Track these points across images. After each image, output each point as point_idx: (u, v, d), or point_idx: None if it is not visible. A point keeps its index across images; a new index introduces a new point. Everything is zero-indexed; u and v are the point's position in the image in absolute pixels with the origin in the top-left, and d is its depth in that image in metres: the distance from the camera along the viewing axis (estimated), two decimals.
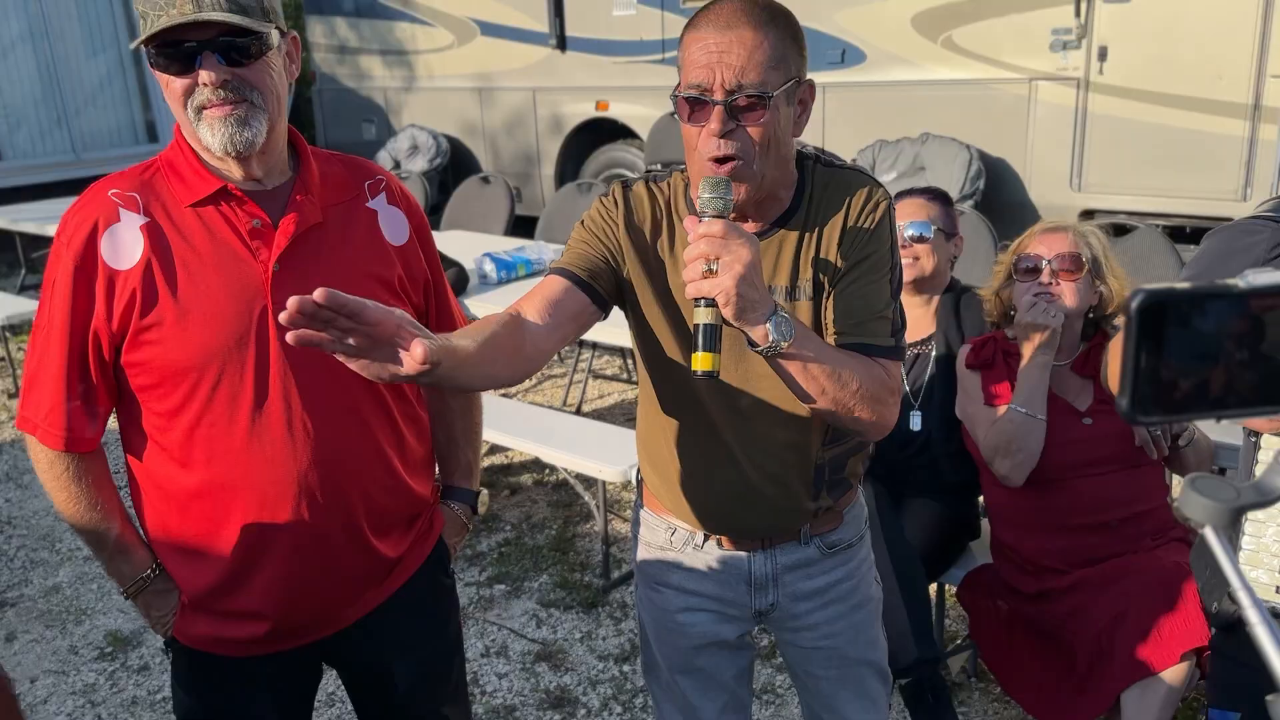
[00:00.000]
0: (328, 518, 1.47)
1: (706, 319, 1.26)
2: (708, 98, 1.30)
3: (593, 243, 1.47)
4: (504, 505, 3.95)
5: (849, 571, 1.64)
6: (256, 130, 1.37)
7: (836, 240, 1.41)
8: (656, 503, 1.63)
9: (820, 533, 1.60)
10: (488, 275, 4.11)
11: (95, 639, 3.20)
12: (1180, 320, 0.62)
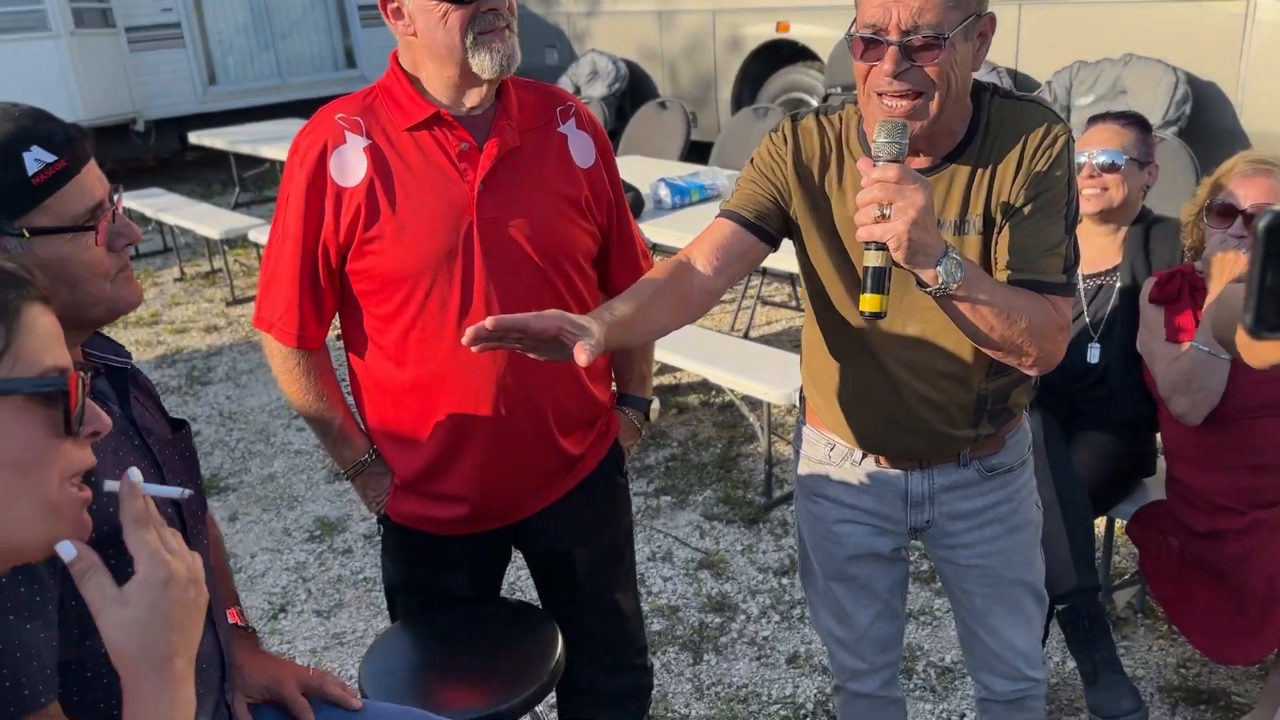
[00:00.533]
0: (520, 415, 1.63)
1: (876, 262, 1.28)
2: (882, 38, 1.30)
3: (760, 182, 1.52)
4: (671, 423, 4.11)
5: (1008, 494, 1.66)
6: (518, 53, 1.53)
7: (1011, 175, 1.41)
8: (817, 419, 1.69)
9: (980, 456, 1.63)
10: (662, 200, 4.21)
11: (305, 523, 3.57)
12: None
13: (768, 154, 1.53)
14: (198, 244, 7.17)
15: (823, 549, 1.74)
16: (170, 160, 10.47)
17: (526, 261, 1.59)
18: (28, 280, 0.85)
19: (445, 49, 1.50)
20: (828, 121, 1.51)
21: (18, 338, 0.82)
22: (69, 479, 0.85)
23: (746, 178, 1.55)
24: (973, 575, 1.69)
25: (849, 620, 1.77)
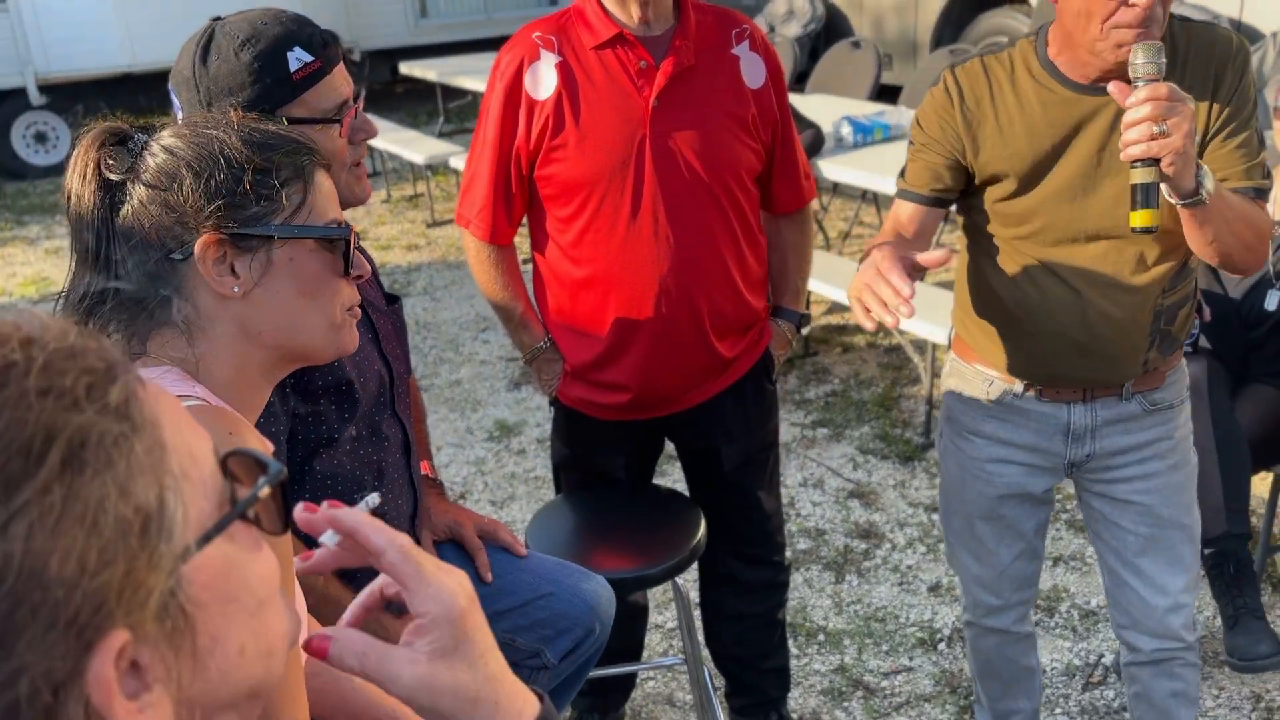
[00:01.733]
0: (680, 315, 1.78)
1: (1147, 178, 1.33)
2: None
3: (930, 147, 1.58)
4: (835, 361, 4.18)
5: (1168, 431, 1.68)
6: None
7: (1210, 93, 1.47)
8: (974, 354, 1.71)
9: (1142, 390, 1.64)
10: (844, 139, 4.23)
11: (486, 424, 3.88)
12: None
13: (933, 112, 1.57)
14: (403, 169, 7.66)
15: (972, 487, 1.75)
16: (382, 90, 11.12)
17: (693, 174, 1.73)
18: (315, 149, 1.07)
19: None
20: (995, 61, 1.55)
21: (311, 193, 1.04)
22: (345, 309, 1.08)
23: (917, 145, 1.60)
24: (1130, 512, 1.69)
25: (991, 559, 1.79)
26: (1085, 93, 1.48)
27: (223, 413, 0.95)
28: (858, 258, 4.90)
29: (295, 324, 1.03)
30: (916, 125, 1.60)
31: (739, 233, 1.80)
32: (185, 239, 0.98)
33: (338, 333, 1.06)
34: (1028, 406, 1.67)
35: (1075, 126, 1.50)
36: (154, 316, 1.00)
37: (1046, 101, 1.50)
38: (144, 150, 0.99)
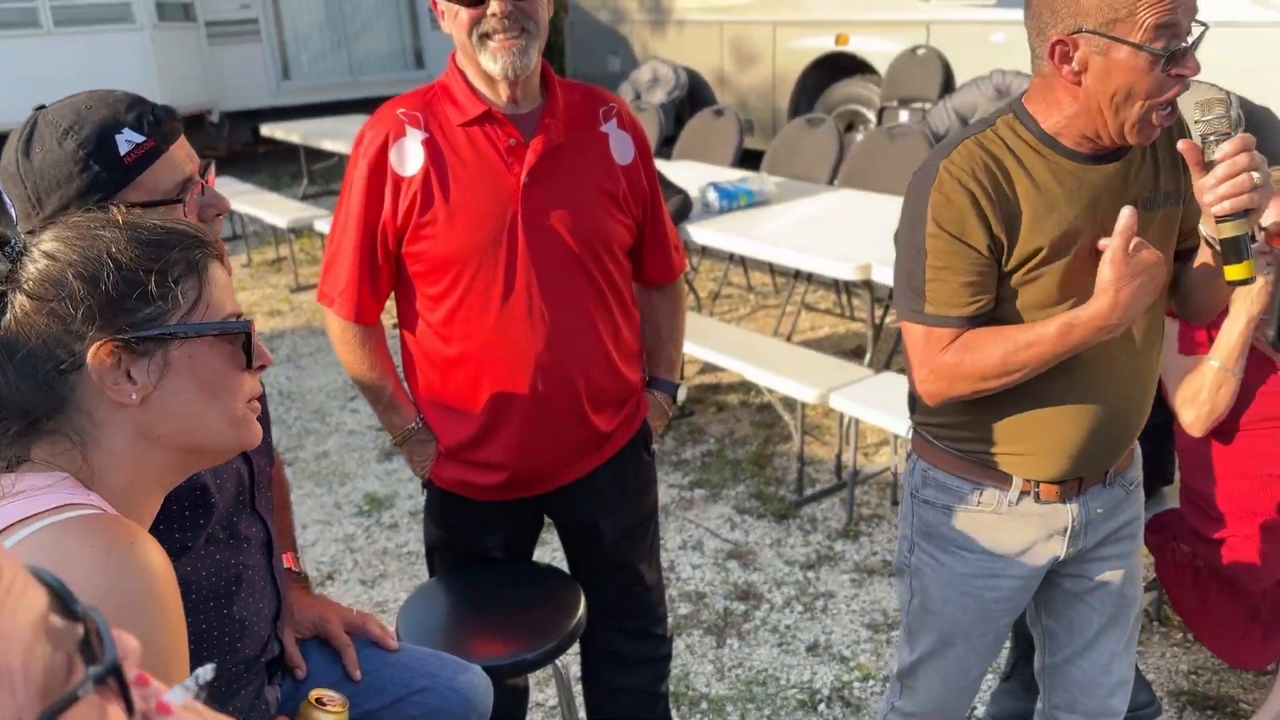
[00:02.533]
0: (556, 392, 1.76)
1: (1240, 230, 1.32)
2: (1185, 46, 1.31)
3: (958, 261, 1.42)
4: (710, 420, 4.23)
5: (1139, 509, 1.67)
6: (531, 57, 1.64)
7: (1175, 140, 1.45)
8: (958, 461, 1.58)
9: (1121, 471, 1.61)
10: (710, 204, 4.33)
11: (355, 498, 3.75)
12: None
13: (949, 216, 1.41)
14: (265, 232, 7.45)
15: (956, 605, 1.64)
16: (242, 151, 10.83)
17: (565, 249, 1.73)
18: (208, 241, 1.02)
19: (461, 47, 1.65)
20: (987, 142, 1.43)
21: (207, 287, 1.00)
22: (247, 402, 1.03)
23: (941, 264, 1.42)
24: (1100, 592, 1.65)
25: (962, 680, 1.70)
26: (1090, 162, 1.43)
27: (118, 523, 0.89)
28: (732, 323, 4.99)
29: (197, 424, 0.99)
30: (934, 238, 1.42)
31: (613, 306, 1.81)
32: (75, 349, 0.92)
33: (241, 428, 1.03)
34: (1026, 511, 1.57)
35: (1092, 197, 1.43)
36: (40, 427, 0.93)
37: (1058, 175, 1.42)
38: (23, 256, 0.93)
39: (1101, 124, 1.38)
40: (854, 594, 3.02)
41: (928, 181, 1.43)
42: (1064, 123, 1.41)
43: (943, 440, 1.60)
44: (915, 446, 1.67)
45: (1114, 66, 1.31)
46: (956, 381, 1.46)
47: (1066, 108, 1.40)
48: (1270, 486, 2.16)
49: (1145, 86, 1.31)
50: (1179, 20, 1.28)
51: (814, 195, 4.57)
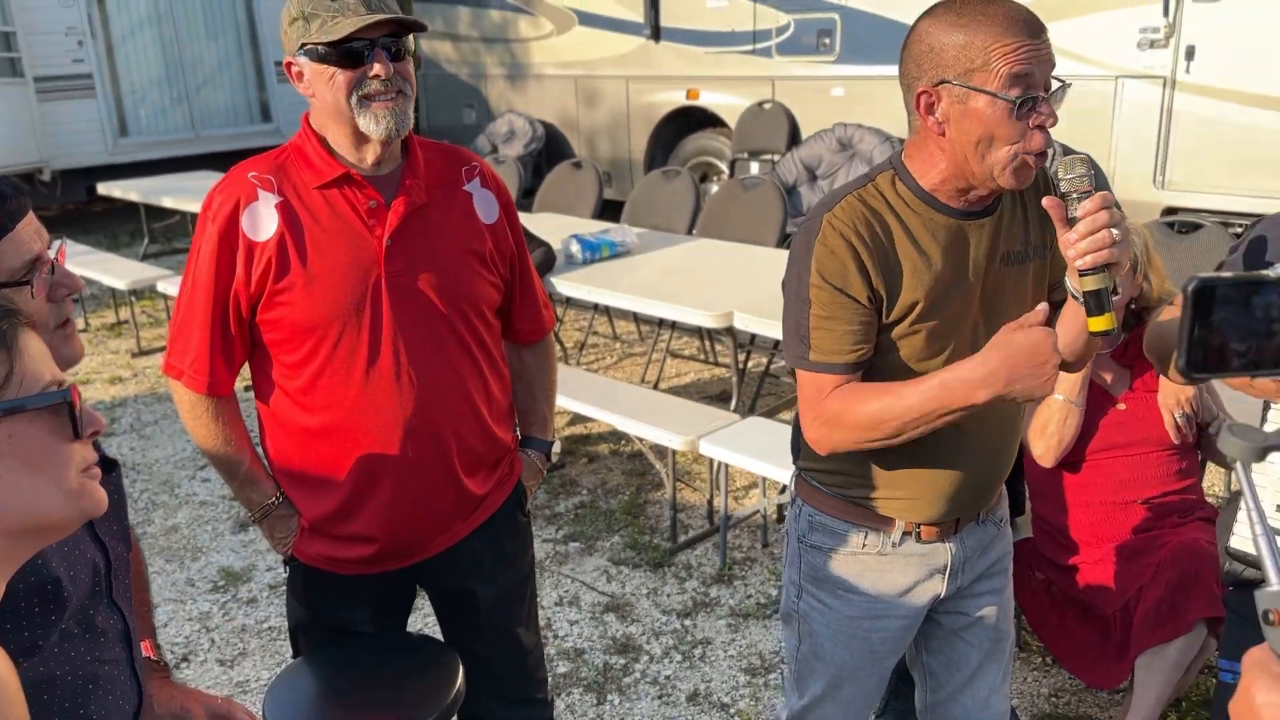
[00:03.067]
0: (426, 457, 1.72)
1: (1101, 284, 1.36)
2: (1039, 97, 1.36)
3: (843, 310, 1.45)
4: (581, 472, 4.20)
5: (1007, 545, 1.73)
6: (409, 118, 1.63)
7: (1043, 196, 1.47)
8: (842, 505, 1.63)
9: (990, 509, 1.68)
10: (574, 255, 4.35)
11: (210, 574, 3.55)
12: (1224, 300, 0.82)
13: (832, 269, 1.44)
14: (103, 294, 7.06)
15: (845, 648, 1.67)
16: (77, 211, 10.28)
17: (432, 311, 1.70)
18: (15, 309, 0.95)
19: (335, 109, 1.61)
20: (868, 196, 1.48)
21: (19, 360, 0.93)
22: (81, 471, 0.96)
23: (824, 314, 1.46)
24: (977, 628, 1.70)
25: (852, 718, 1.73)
26: (965, 218, 1.48)
27: None
28: (599, 372, 5.00)
29: (29, 504, 0.92)
30: (817, 289, 1.46)
31: (484, 367, 1.78)
32: None
33: (79, 498, 0.96)
34: (908, 552, 1.62)
35: (967, 252, 1.49)
36: None
37: (934, 231, 1.47)
38: None
39: (971, 173, 1.43)
40: (731, 639, 3.03)
41: (812, 233, 1.47)
42: (939, 179, 1.46)
43: (826, 485, 1.64)
44: (800, 492, 1.70)
45: (972, 114, 1.37)
46: (839, 430, 1.48)
47: (939, 162, 1.45)
48: (1117, 512, 2.29)
49: (1005, 133, 1.36)
50: (1033, 71, 1.35)
51: (674, 245, 4.65)
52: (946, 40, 1.38)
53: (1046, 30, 1.39)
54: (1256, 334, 0.81)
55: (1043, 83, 1.37)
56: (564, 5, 7.92)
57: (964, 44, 1.36)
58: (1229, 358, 0.81)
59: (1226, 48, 4.92)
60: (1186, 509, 2.27)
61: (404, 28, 1.61)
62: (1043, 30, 1.38)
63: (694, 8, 7.11)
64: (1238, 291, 0.80)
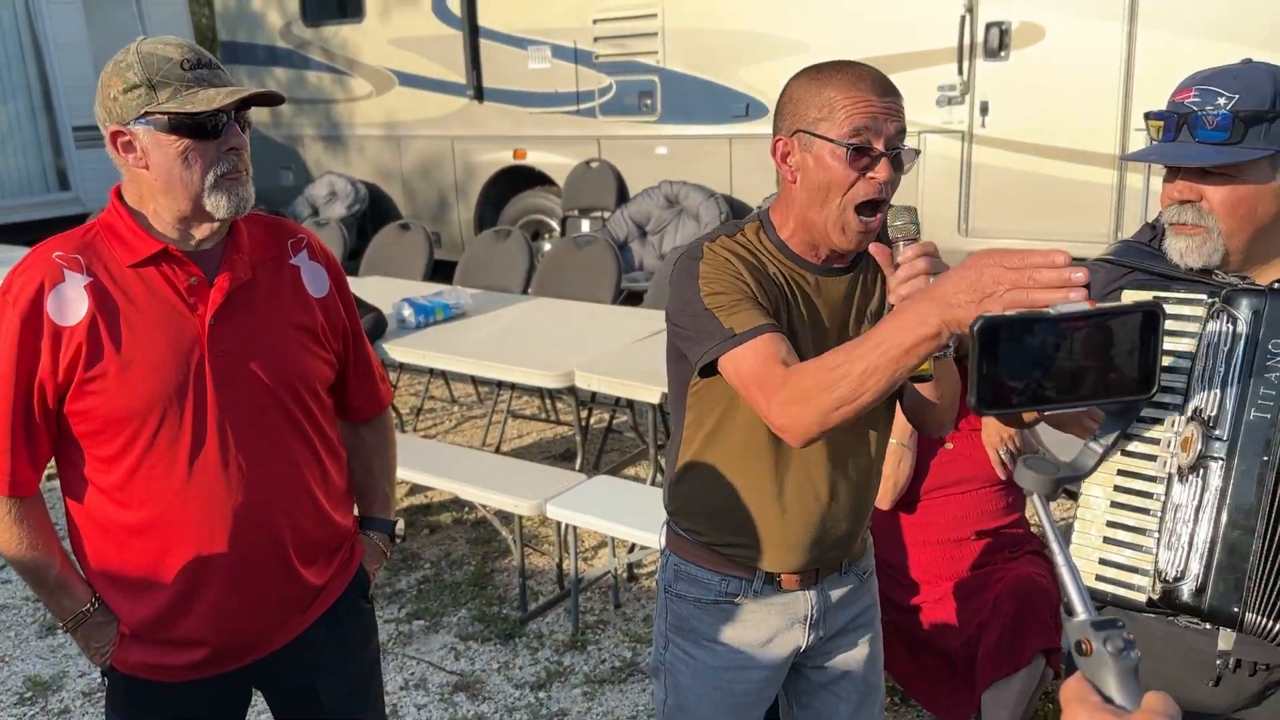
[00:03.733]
0: (260, 549, 1.60)
1: None
2: (873, 148, 1.41)
3: (745, 296, 1.46)
4: (423, 544, 4.06)
5: (874, 597, 1.75)
6: (252, 195, 1.54)
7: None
8: (705, 554, 1.64)
9: (854, 561, 1.70)
10: (406, 320, 4.24)
11: (14, 685, 3.22)
12: (1010, 338, 0.84)
13: (721, 275, 1.48)
14: None
15: (710, 700, 1.67)
16: None
17: (261, 392, 1.60)
18: None
19: (181, 185, 1.50)
20: (735, 244, 1.53)
21: None
22: None
23: (729, 306, 1.46)
24: (845, 681, 1.72)
25: None
26: (823, 274, 1.53)
27: None
28: (436, 438, 4.86)
29: None
30: (714, 294, 1.47)
31: (319, 448, 1.69)
32: None
33: None
34: (769, 601, 1.64)
35: (823, 304, 1.53)
36: None
37: (795, 280, 1.52)
38: None
39: (813, 224, 1.48)
40: (587, 708, 2.97)
41: (695, 258, 1.51)
42: (791, 231, 1.53)
43: (690, 533, 1.66)
44: (668, 541, 1.72)
45: (815, 162, 1.44)
46: (804, 402, 1.34)
47: (791, 213, 1.52)
48: (953, 550, 2.38)
49: (839, 179, 1.42)
50: (876, 126, 1.41)
51: (510, 305, 4.61)
52: (803, 93, 1.47)
53: (900, 96, 1.47)
54: (1039, 370, 0.84)
55: (885, 139, 1.43)
56: (383, 66, 7.83)
57: (818, 96, 1.45)
58: (1014, 393, 0.84)
59: (1016, 103, 5.34)
60: (1017, 543, 2.39)
61: (265, 101, 1.54)
62: (893, 92, 1.45)
63: (516, 69, 7.17)
64: (1020, 329, 0.83)
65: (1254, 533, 1.42)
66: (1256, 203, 1.45)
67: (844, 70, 1.45)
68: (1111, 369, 0.84)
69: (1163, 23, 4.89)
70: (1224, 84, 1.45)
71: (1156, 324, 0.83)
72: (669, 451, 1.72)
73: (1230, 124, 1.42)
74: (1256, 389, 1.42)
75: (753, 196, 6.08)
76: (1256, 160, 1.43)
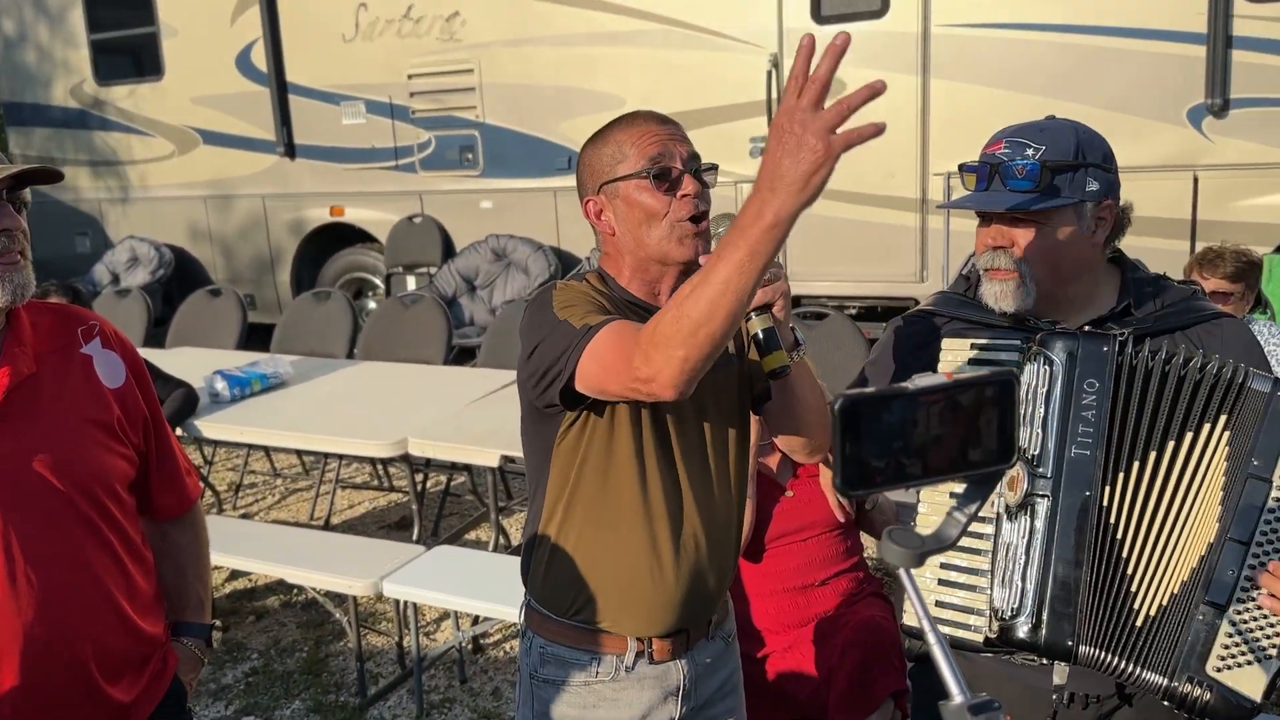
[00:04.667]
0: (56, 670, 1.43)
1: (766, 324, 1.45)
2: (673, 168, 1.48)
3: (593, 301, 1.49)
4: (249, 632, 3.80)
5: (737, 660, 1.74)
6: (32, 281, 1.41)
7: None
8: (574, 632, 1.60)
9: (720, 623, 1.69)
10: (220, 394, 4.00)
11: None
12: (871, 416, 0.81)
13: (582, 292, 1.51)
14: None
15: None
16: None
17: (52, 495, 1.44)
18: None
19: None
20: (586, 285, 1.55)
21: None
22: None
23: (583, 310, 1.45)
24: None
25: None
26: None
27: None
28: (258, 515, 4.58)
29: None
30: (566, 305, 1.47)
31: (121, 553, 1.53)
32: None
33: None
34: (642, 674, 1.59)
35: None
36: None
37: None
38: None
39: (648, 261, 1.52)
40: None
41: (548, 291, 1.54)
42: (628, 277, 1.56)
43: (555, 610, 1.61)
44: (530, 622, 1.66)
45: (628, 202, 1.50)
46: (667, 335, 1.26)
47: (623, 262, 1.56)
48: (798, 598, 2.39)
49: (655, 206, 1.48)
50: (668, 150, 1.48)
51: (334, 371, 4.43)
52: (594, 151, 1.55)
53: (680, 125, 1.54)
54: (901, 446, 0.83)
55: (681, 159, 1.49)
56: (186, 125, 7.46)
57: (607, 147, 1.53)
58: (879, 472, 0.83)
59: None
60: (859, 587, 2.42)
61: (40, 178, 1.40)
62: (672, 122, 1.53)
63: (329, 125, 6.97)
64: (880, 406, 0.82)
65: (1082, 566, 1.47)
66: (1063, 249, 1.54)
67: (622, 118, 1.55)
68: (971, 441, 0.84)
69: (952, 73, 5.23)
70: (1031, 137, 1.54)
71: (1011, 392, 0.84)
72: (525, 530, 1.67)
73: (1038, 174, 1.51)
74: (1075, 427, 1.49)
75: (580, 248, 6.09)
76: (1063, 208, 1.52)
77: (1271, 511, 1.42)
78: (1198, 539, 1.45)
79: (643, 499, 1.55)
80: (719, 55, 5.68)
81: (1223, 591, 1.43)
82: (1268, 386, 1.43)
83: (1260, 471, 1.42)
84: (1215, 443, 1.45)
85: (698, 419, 1.58)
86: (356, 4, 6.69)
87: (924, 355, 1.66)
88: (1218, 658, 1.42)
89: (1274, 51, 4.58)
